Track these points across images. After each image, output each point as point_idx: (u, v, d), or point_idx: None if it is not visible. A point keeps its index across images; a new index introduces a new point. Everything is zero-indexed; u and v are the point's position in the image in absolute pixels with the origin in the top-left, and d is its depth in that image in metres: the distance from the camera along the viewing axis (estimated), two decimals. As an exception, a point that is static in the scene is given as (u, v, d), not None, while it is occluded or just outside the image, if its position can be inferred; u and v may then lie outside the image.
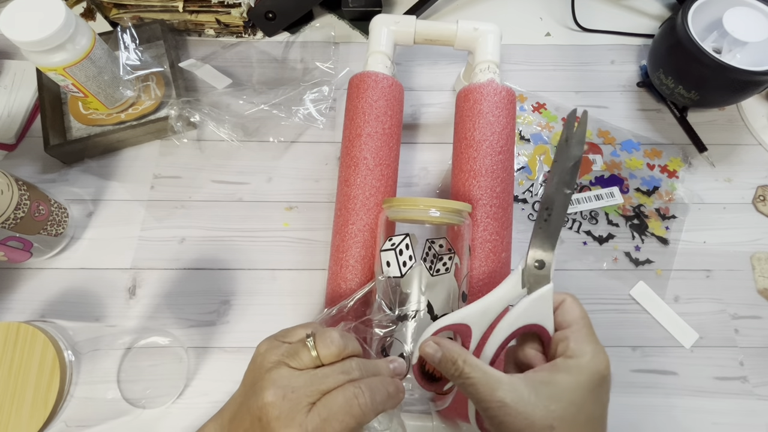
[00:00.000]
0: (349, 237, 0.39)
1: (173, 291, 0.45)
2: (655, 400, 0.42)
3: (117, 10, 0.54)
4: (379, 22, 0.45)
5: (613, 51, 0.59)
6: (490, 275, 0.38)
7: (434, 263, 0.33)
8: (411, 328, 0.32)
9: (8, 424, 0.30)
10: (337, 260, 0.39)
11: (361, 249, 0.39)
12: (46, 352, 0.31)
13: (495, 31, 0.44)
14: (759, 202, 0.50)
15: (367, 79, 0.42)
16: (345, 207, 0.40)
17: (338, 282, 0.39)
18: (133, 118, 0.50)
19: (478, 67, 0.44)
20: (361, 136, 0.41)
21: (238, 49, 0.57)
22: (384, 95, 0.42)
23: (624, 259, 0.47)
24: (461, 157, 0.41)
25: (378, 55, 0.44)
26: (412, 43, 0.46)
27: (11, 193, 0.38)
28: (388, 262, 0.34)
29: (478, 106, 0.41)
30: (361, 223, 0.39)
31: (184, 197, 0.49)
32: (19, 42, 0.39)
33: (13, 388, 0.31)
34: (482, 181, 0.39)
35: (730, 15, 0.47)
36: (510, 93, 0.42)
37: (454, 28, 0.44)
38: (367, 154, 0.40)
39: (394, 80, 0.43)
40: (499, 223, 0.39)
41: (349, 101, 0.43)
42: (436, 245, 0.34)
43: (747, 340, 0.44)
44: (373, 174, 0.40)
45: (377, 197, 0.40)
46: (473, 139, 0.40)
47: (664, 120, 0.54)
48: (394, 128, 0.42)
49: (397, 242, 0.34)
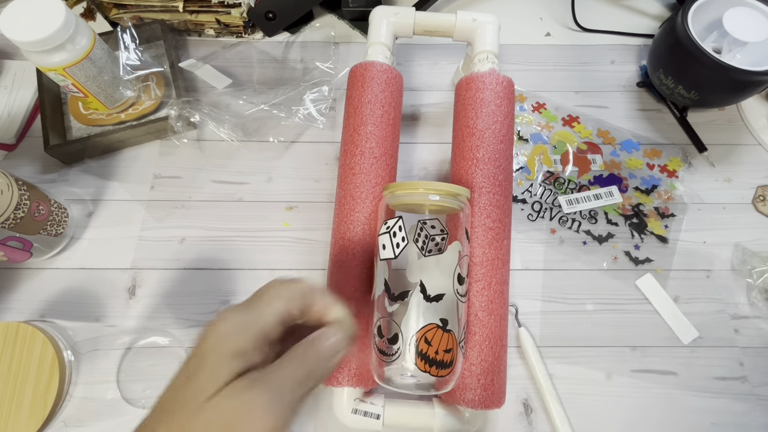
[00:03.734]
0: (354, 225, 0.39)
1: (173, 291, 0.45)
2: (655, 400, 0.42)
3: (117, 10, 0.54)
4: (379, 14, 0.45)
5: (613, 51, 0.59)
6: (493, 261, 0.38)
7: (426, 243, 0.33)
8: (405, 307, 0.33)
9: (8, 423, 0.30)
10: (342, 248, 0.39)
11: (367, 237, 0.38)
12: (46, 351, 0.31)
13: (494, 21, 0.45)
14: (759, 202, 0.50)
15: (371, 69, 0.42)
16: (351, 195, 0.39)
17: (342, 268, 0.38)
18: (133, 118, 0.50)
19: (477, 57, 0.44)
20: (366, 124, 0.41)
21: (238, 49, 0.57)
22: (388, 85, 0.42)
23: (624, 258, 0.47)
24: (463, 146, 0.41)
25: (378, 46, 0.44)
26: (411, 35, 0.46)
27: (11, 193, 0.38)
28: (384, 245, 0.34)
29: (480, 95, 0.41)
30: (366, 211, 0.39)
31: (184, 197, 0.49)
32: (19, 42, 0.39)
33: (13, 388, 0.31)
34: (485, 169, 0.39)
35: (730, 15, 0.47)
36: (510, 83, 0.43)
37: (453, 19, 0.45)
38: (372, 143, 0.40)
39: (396, 71, 0.44)
40: (501, 211, 0.39)
41: (351, 90, 0.43)
42: (428, 225, 0.34)
43: (747, 340, 0.44)
44: (378, 163, 0.40)
45: (382, 186, 0.40)
46: (476, 128, 0.40)
47: (664, 120, 0.54)
48: (396, 119, 0.42)
49: (391, 225, 0.34)
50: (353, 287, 0.37)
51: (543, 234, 0.48)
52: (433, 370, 0.31)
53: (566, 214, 0.49)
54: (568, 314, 0.45)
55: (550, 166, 0.51)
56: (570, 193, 0.50)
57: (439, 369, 0.31)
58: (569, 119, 0.54)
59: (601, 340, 0.44)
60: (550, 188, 0.50)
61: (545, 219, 0.49)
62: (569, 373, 0.43)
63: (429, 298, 0.33)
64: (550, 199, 0.50)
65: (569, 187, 0.50)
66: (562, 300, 0.45)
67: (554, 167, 0.51)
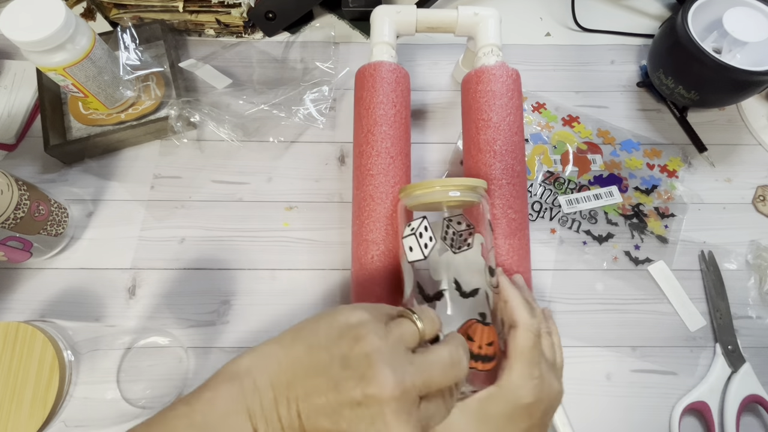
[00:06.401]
0: (377, 227, 0.38)
1: (173, 291, 0.45)
2: (655, 400, 0.42)
3: (117, 10, 0.54)
4: (381, 13, 0.45)
5: (613, 51, 0.59)
6: (519, 251, 0.38)
7: (455, 240, 0.33)
8: (441, 307, 0.32)
9: (7, 423, 0.30)
10: (365, 252, 0.38)
11: (390, 238, 0.38)
12: (46, 351, 0.31)
13: (495, 15, 0.45)
14: (759, 202, 0.50)
15: (380, 69, 0.42)
16: (370, 196, 0.39)
17: (367, 271, 0.38)
18: (133, 118, 0.50)
19: (481, 50, 0.44)
20: (380, 125, 0.40)
21: (238, 49, 0.57)
22: (398, 84, 0.42)
23: (624, 258, 0.47)
24: (478, 139, 0.41)
25: (383, 46, 0.44)
26: (414, 32, 0.46)
27: (11, 193, 0.38)
28: (410, 247, 0.34)
29: (491, 87, 0.41)
30: (387, 211, 0.39)
31: (184, 197, 0.49)
32: (19, 42, 0.39)
33: (13, 388, 0.31)
34: (504, 161, 0.39)
35: (730, 15, 0.47)
36: (518, 75, 0.43)
37: (455, 15, 0.45)
38: (388, 143, 0.40)
39: (404, 69, 0.44)
40: (521, 201, 0.40)
41: (361, 91, 0.42)
42: (454, 222, 0.33)
43: (747, 340, 0.44)
44: (395, 162, 0.40)
45: (400, 185, 0.40)
46: (490, 120, 0.40)
47: (664, 120, 0.54)
48: (407, 118, 0.42)
49: (415, 226, 0.34)
50: (381, 288, 0.37)
51: (543, 234, 0.48)
52: (479, 365, 0.30)
53: (566, 214, 0.49)
54: (568, 314, 0.45)
55: (550, 166, 0.51)
56: (570, 193, 0.50)
57: (484, 363, 0.31)
58: (569, 119, 0.54)
59: (601, 340, 0.44)
60: (550, 188, 0.50)
61: (545, 219, 0.49)
62: (569, 373, 0.42)
63: (465, 294, 0.32)
64: (550, 199, 0.50)
65: (569, 187, 0.50)
66: (562, 300, 0.45)
67: (554, 167, 0.51)
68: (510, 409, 0.29)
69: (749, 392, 0.41)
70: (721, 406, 0.41)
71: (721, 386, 0.42)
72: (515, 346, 0.30)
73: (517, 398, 0.29)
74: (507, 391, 0.29)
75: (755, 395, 0.41)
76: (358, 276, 0.39)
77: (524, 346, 0.30)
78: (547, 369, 0.32)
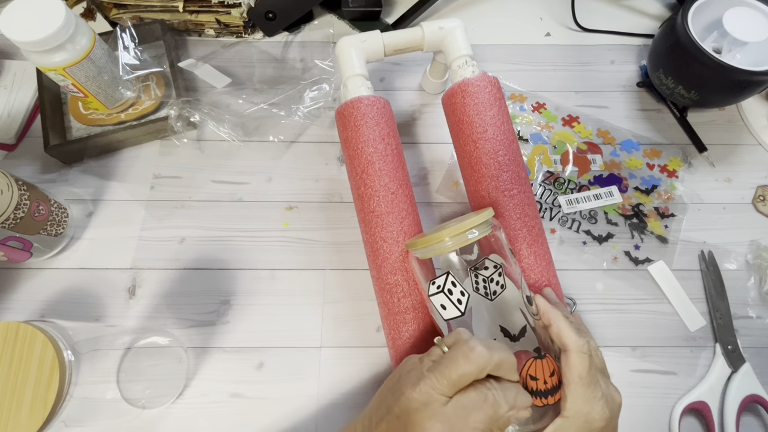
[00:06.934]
0: (396, 270, 0.37)
1: (173, 291, 0.45)
2: (655, 400, 0.42)
3: (117, 10, 0.54)
4: (346, 45, 0.43)
5: (613, 51, 0.59)
6: (544, 256, 0.38)
7: (488, 287, 0.31)
8: None
9: (7, 423, 0.30)
10: (390, 298, 0.38)
11: (411, 281, 0.37)
12: (46, 351, 0.31)
13: (460, 25, 0.44)
14: (759, 202, 0.50)
15: (360, 106, 0.40)
16: (382, 238, 0.38)
17: (399, 321, 0.37)
18: (133, 118, 0.50)
19: (455, 63, 0.43)
20: (373, 163, 0.39)
21: (238, 49, 0.57)
22: (382, 117, 0.41)
23: (624, 258, 0.47)
24: (479, 154, 0.40)
25: (357, 79, 0.42)
26: (383, 57, 0.45)
27: (11, 193, 0.38)
28: (442, 305, 0.32)
29: (480, 99, 0.41)
30: (402, 251, 0.38)
31: (184, 197, 0.49)
32: (19, 42, 0.39)
33: (13, 388, 0.31)
34: (511, 171, 0.39)
35: (730, 15, 0.47)
36: (497, 81, 0.43)
37: (420, 32, 0.44)
38: (386, 179, 0.39)
39: (383, 99, 0.42)
40: (533, 206, 0.40)
41: (346, 132, 0.41)
42: (481, 269, 0.32)
43: (747, 340, 0.44)
44: (396, 197, 0.39)
45: (409, 219, 0.39)
46: (486, 133, 0.40)
47: (664, 120, 0.54)
48: (398, 147, 0.41)
49: (441, 283, 0.32)
50: (421, 341, 0.36)
51: (543, 234, 0.48)
52: (550, 399, 0.30)
53: (566, 214, 0.49)
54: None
55: (550, 166, 0.51)
56: (570, 193, 0.50)
57: (553, 396, 0.30)
58: (569, 119, 0.54)
59: (600, 340, 0.44)
60: (550, 188, 0.50)
61: (545, 219, 0.49)
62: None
63: (515, 338, 0.31)
64: (550, 199, 0.50)
65: (569, 187, 0.50)
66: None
67: (554, 167, 0.51)
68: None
69: (749, 392, 0.41)
70: (721, 406, 0.41)
71: (721, 386, 0.42)
72: (572, 371, 0.29)
73: (589, 423, 0.29)
74: (576, 419, 0.29)
75: (755, 395, 0.41)
76: (390, 327, 0.38)
77: (582, 370, 0.29)
78: (606, 384, 0.31)
